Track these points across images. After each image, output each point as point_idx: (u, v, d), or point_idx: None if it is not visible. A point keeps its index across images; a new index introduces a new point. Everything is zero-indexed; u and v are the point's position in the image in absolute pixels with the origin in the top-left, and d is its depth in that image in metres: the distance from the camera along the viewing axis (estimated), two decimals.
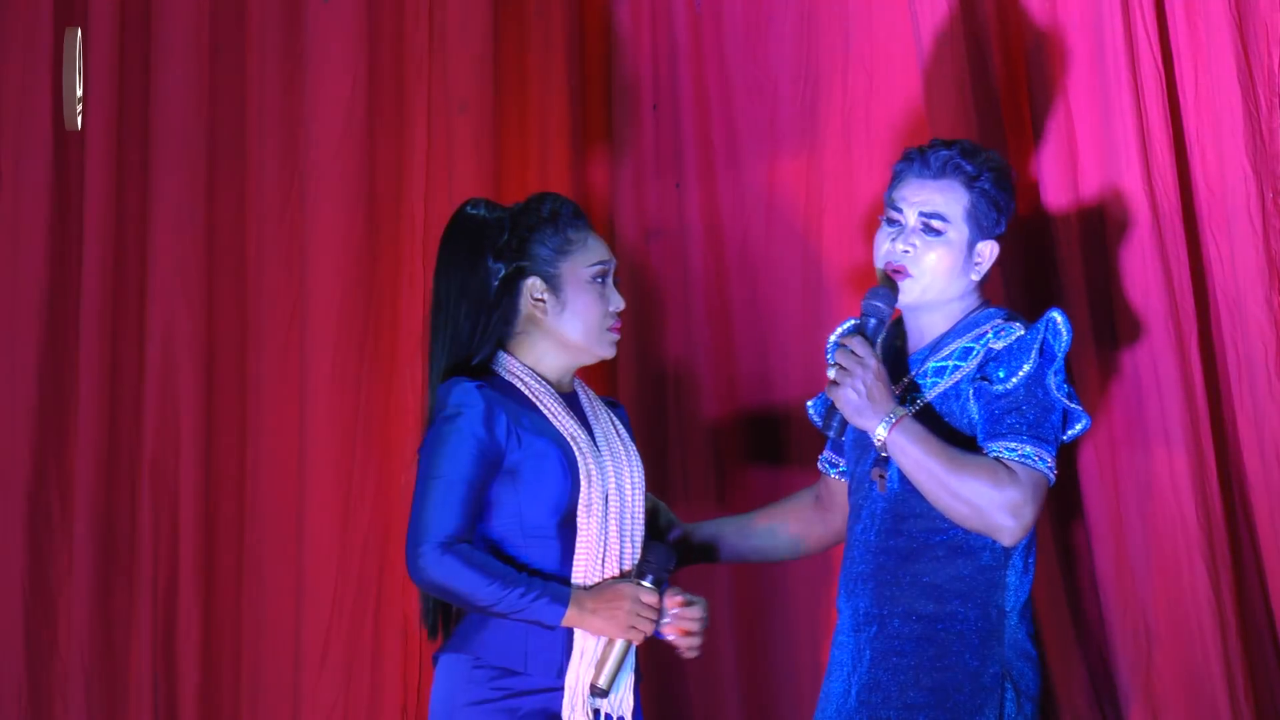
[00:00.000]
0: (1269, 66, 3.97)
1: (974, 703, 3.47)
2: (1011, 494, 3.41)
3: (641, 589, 3.43)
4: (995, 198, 3.59)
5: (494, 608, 3.36)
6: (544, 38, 4.60)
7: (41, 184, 4.64)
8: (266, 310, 4.62)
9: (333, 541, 4.54)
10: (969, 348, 3.56)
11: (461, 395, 3.40)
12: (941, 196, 3.56)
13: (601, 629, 3.40)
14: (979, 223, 3.58)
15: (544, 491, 3.43)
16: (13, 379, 4.62)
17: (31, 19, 4.64)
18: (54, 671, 4.60)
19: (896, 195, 3.60)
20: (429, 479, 3.40)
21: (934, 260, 3.56)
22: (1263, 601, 3.97)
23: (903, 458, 3.45)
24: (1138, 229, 4.02)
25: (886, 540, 3.54)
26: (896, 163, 3.65)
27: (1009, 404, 3.46)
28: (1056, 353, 3.49)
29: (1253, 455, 3.94)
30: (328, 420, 4.55)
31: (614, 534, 3.46)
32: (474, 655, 3.41)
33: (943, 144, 3.60)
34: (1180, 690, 3.96)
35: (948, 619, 3.49)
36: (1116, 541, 4.04)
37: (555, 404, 3.48)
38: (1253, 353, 3.93)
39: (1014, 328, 3.53)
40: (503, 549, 3.43)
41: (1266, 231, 3.94)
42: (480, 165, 4.54)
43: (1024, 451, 3.44)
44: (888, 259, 3.58)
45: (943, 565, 3.50)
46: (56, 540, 4.63)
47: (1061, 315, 3.50)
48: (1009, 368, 3.48)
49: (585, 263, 3.51)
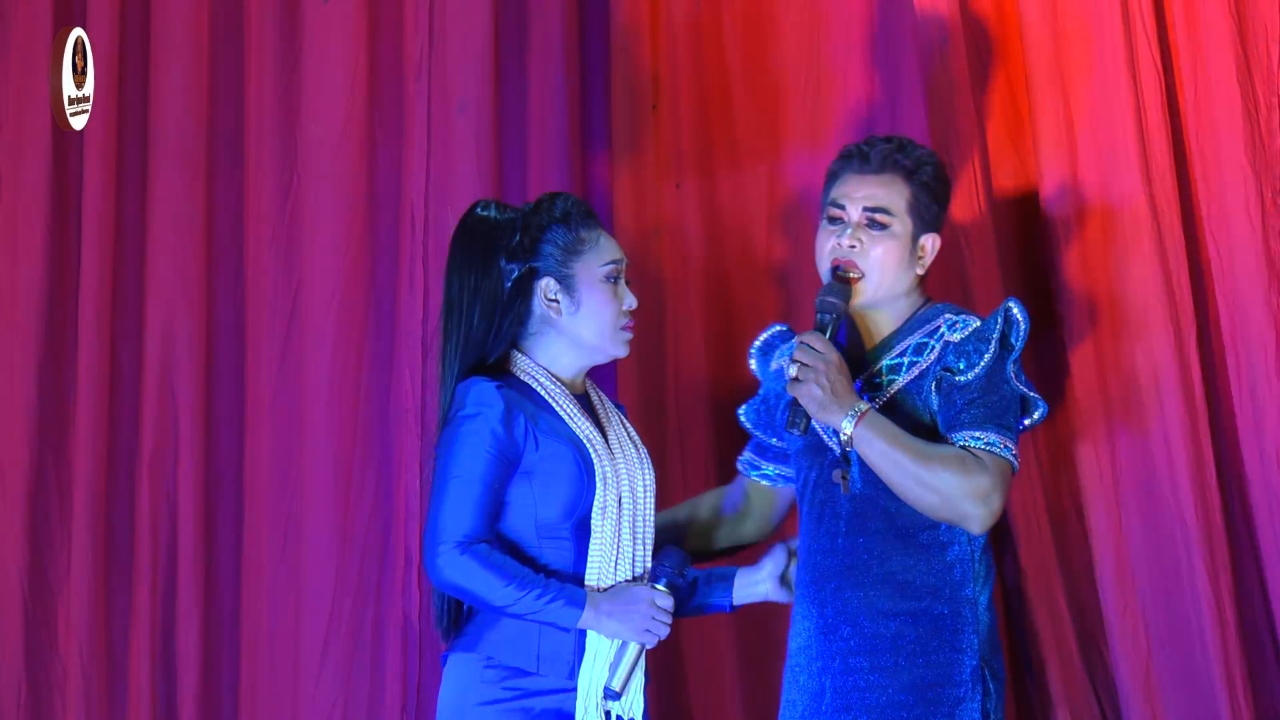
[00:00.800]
0: (1269, 66, 3.97)
1: (956, 695, 3.47)
2: (980, 481, 3.41)
3: (657, 593, 3.42)
4: (935, 190, 3.59)
5: (510, 609, 3.35)
6: (544, 38, 4.59)
7: (41, 184, 4.64)
8: (266, 310, 4.61)
9: (333, 541, 4.54)
10: (923, 343, 3.55)
11: (481, 395, 3.40)
12: (884, 191, 3.56)
13: (617, 632, 3.39)
14: (921, 216, 3.58)
15: (560, 493, 3.42)
16: (13, 379, 4.61)
17: (31, 19, 4.64)
18: (54, 671, 4.59)
19: (837, 193, 3.59)
20: (447, 478, 3.39)
21: (881, 254, 3.55)
22: (1262, 601, 3.98)
23: (869, 450, 3.44)
24: (1137, 229, 4.03)
25: (855, 539, 3.53)
26: (832, 162, 3.63)
27: (971, 394, 3.47)
28: (1015, 342, 3.49)
29: (1252, 455, 3.95)
30: (328, 420, 4.55)
31: (627, 536, 3.46)
32: (485, 655, 3.40)
33: (881, 140, 3.61)
34: (1180, 690, 3.97)
35: (924, 615, 3.49)
36: (1116, 541, 4.04)
37: (571, 405, 3.48)
38: (1253, 353, 3.94)
39: (969, 320, 3.53)
40: (518, 550, 3.43)
41: (1266, 231, 3.95)
42: (480, 165, 4.53)
43: (989, 440, 3.44)
44: (834, 256, 3.57)
45: (914, 561, 3.50)
46: (56, 540, 4.62)
47: (1018, 305, 3.50)
48: (969, 359, 3.48)
49: (598, 262, 3.50)
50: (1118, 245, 4.07)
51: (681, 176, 4.58)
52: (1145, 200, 4.02)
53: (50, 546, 4.62)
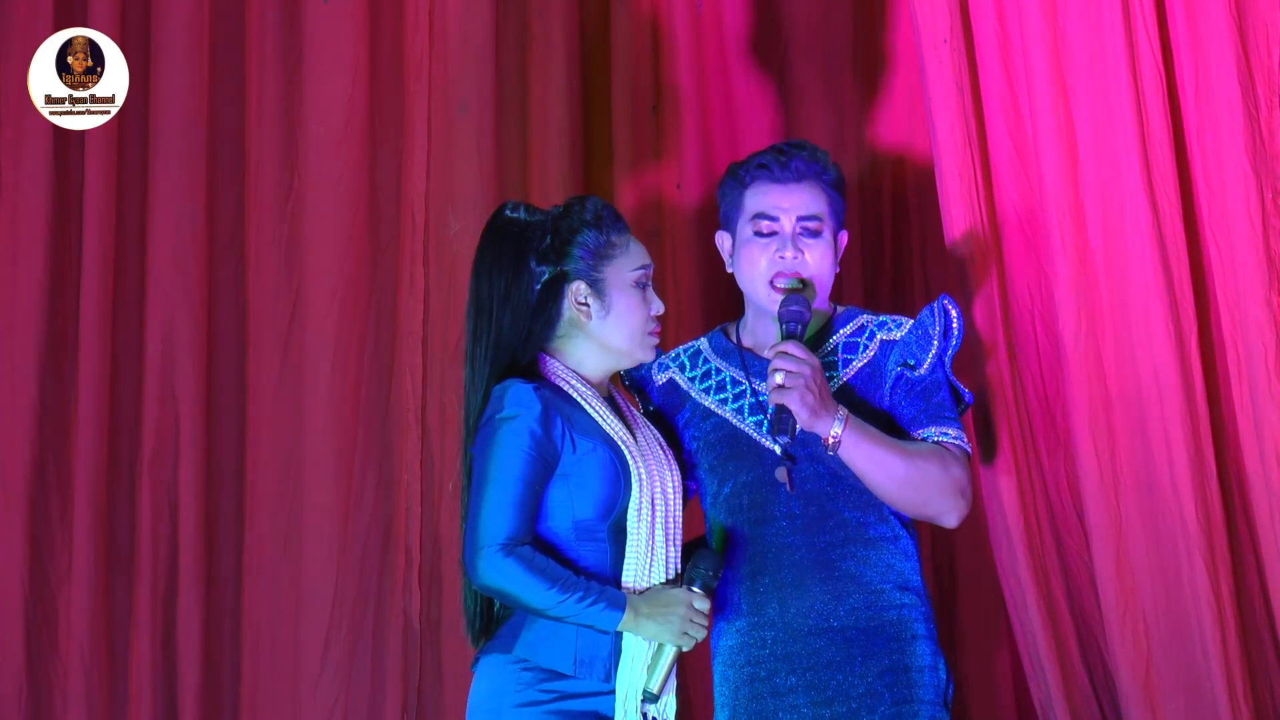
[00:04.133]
0: (1269, 66, 3.96)
1: (924, 679, 3.56)
2: (958, 475, 3.54)
3: (694, 595, 3.43)
4: (842, 189, 3.70)
5: (552, 611, 3.35)
6: (544, 38, 4.60)
7: (41, 184, 4.64)
8: (266, 310, 4.62)
9: (333, 541, 4.54)
10: (853, 342, 3.64)
11: (518, 396, 3.40)
12: (812, 198, 3.64)
13: (655, 634, 3.40)
14: (838, 215, 3.68)
15: (597, 493, 3.43)
16: (13, 379, 4.62)
17: (31, 19, 4.64)
18: (54, 671, 4.60)
19: (764, 205, 3.64)
20: (486, 481, 3.38)
21: (818, 259, 3.64)
22: (1263, 601, 3.97)
23: (855, 453, 3.50)
24: (1138, 229, 4.02)
25: (814, 538, 3.57)
26: (738, 172, 3.68)
27: (926, 390, 3.58)
28: (954, 337, 3.61)
29: (1253, 455, 3.94)
30: (328, 420, 4.55)
31: (660, 538, 3.46)
32: (521, 657, 3.40)
33: (791, 147, 3.68)
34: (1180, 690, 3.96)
35: (890, 606, 3.56)
36: (1116, 541, 4.04)
37: (603, 407, 3.48)
38: (1253, 353, 3.92)
39: (897, 318, 3.65)
40: (556, 551, 3.43)
41: (1266, 231, 3.94)
42: (480, 165, 4.54)
43: (955, 434, 3.58)
44: (774, 269, 3.62)
45: (872, 556, 3.57)
46: (56, 540, 4.63)
47: (951, 301, 3.62)
48: (917, 355, 3.59)
49: (628, 267, 3.51)
50: (1118, 245, 4.06)
51: (681, 177, 4.58)
52: (1146, 200, 4.01)
53: (50, 546, 4.63)
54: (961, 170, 4.17)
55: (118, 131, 4.66)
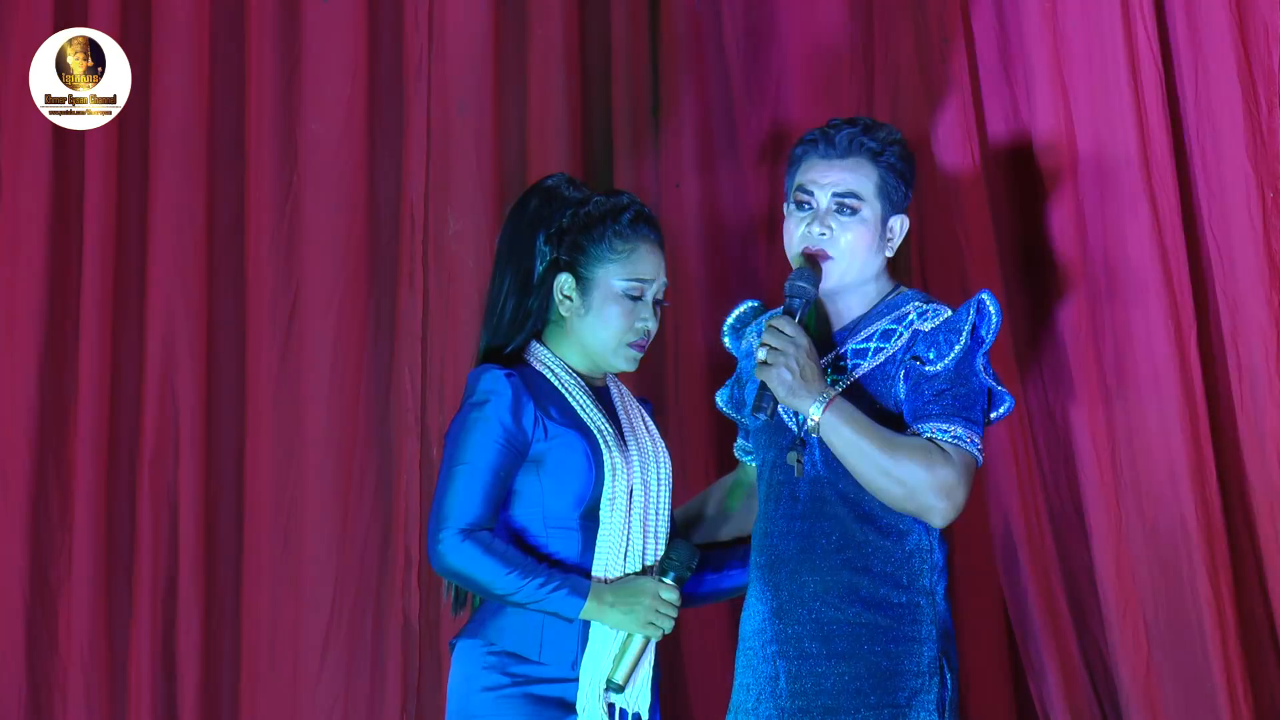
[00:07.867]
0: (1269, 66, 3.97)
1: (914, 686, 3.43)
2: (944, 474, 3.36)
3: (663, 585, 3.42)
4: (902, 171, 3.52)
5: (512, 597, 3.35)
6: (544, 38, 4.59)
7: (41, 184, 4.64)
8: (266, 310, 4.62)
9: (333, 541, 4.54)
10: (890, 329, 3.50)
11: (490, 383, 3.39)
12: (852, 175, 3.49)
13: (620, 623, 3.39)
14: (889, 198, 3.51)
15: (568, 482, 3.41)
16: (13, 378, 4.62)
17: (31, 19, 4.64)
18: (54, 671, 4.60)
19: (804, 179, 3.52)
20: (453, 465, 3.38)
21: (851, 240, 3.48)
22: (1263, 601, 3.98)
23: (835, 438, 3.39)
24: (1138, 229, 4.03)
25: (812, 523, 3.48)
26: (795, 147, 3.55)
27: (940, 385, 3.42)
28: (985, 335, 3.44)
29: (1253, 455, 3.95)
30: (328, 420, 4.55)
31: (637, 529, 3.45)
32: (488, 641, 3.40)
33: (844, 122, 3.53)
34: (1180, 690, 3.97)
35: (882, 603, 3.44)
36: (1116, 541, 4.04)
37: (584, 396, 3.46)
38: (1253, 353, 3.93)
39: (940, 309, 3.48)
40: (524, 538, 3.42)
41: (1267, 231, 3.94)
42: (480, 165, 4.54)
43: (956, 433, 3.40)
44: (804, 243, 3.51)
45: (872, 549, 3.45)
46: (57, 540, 4.63)
47: (991, 297, 3.46)
48: (940, 349, 3.43)
49: (621, 275, 3.46)
50: (1118, 245, 4.07)
51: (681, 177, 4.58)
52: (1146, 200, 4.02)
53: (50, 546, 4.63)
54: (961, 170, 4.18)
55: (118, 131, 4.66)
